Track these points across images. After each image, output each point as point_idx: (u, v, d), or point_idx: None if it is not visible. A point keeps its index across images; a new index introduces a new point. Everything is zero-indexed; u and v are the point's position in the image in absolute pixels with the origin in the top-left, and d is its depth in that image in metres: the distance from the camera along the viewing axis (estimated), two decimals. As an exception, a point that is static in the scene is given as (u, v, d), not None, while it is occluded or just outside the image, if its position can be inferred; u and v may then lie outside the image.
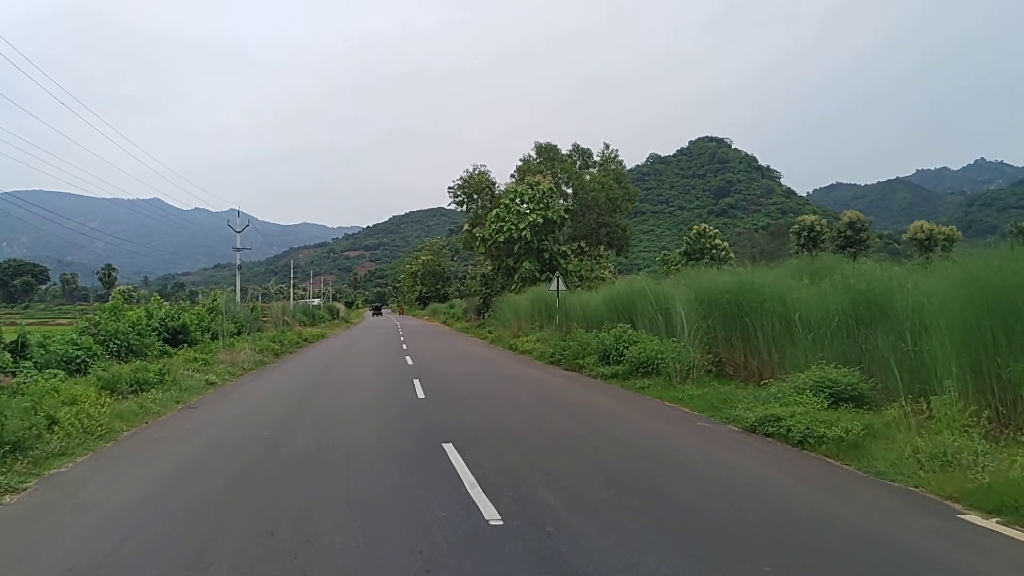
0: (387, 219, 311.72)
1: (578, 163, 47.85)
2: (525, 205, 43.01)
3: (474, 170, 48.00)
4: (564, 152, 47.95)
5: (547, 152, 47.14)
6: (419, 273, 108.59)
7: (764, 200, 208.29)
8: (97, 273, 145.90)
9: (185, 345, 21.53)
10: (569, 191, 47.40)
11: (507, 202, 43.09)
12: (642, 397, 13.80)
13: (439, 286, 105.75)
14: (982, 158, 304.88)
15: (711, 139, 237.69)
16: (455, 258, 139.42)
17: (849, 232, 70.44)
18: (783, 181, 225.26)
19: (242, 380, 17.69)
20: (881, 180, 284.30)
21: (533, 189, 42.96)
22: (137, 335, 18.91)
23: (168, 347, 20.89)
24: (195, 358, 19.14)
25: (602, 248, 48.19)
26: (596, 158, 47.90)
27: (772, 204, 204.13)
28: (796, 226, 79.54)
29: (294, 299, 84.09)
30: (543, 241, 42.57)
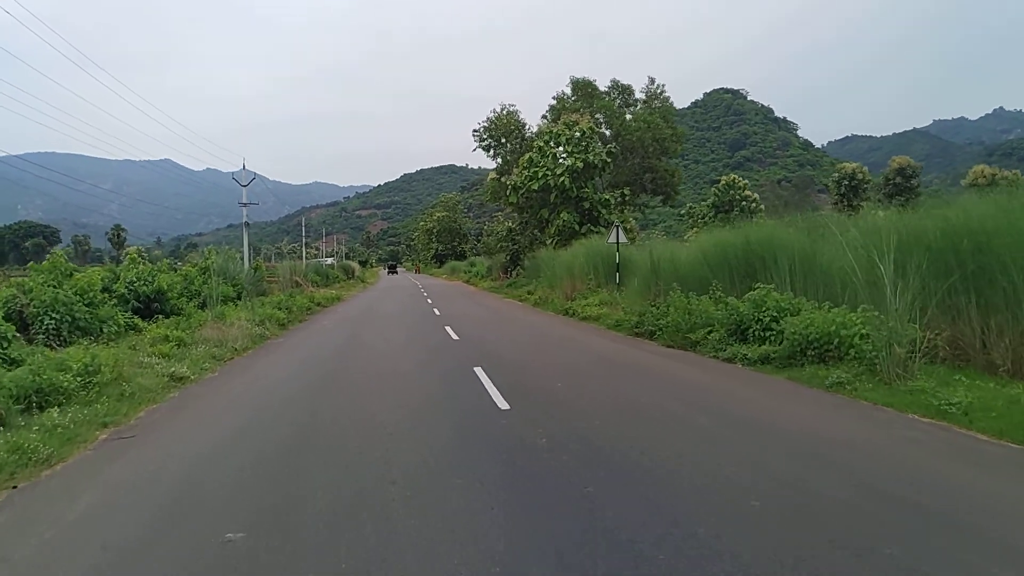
0: (398, 177, 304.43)
1: (618, 101, 41.65)
2: (561, 148, 37.17)
3: (502, 110, 41.96)
4: (602, 89, 41.73)
5: (584, 89, 40.93)
6: (435, 230, 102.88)
7: (781, 152, 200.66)
8: (107, 234, 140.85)
9: (161, 316, 16.19)
10: (608, 133, 41.34)
11: (541, 144, 37.20)
12: (848, 401, 8.34)
13: (456, 243, 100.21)
14: (1001, 107, 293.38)
15: (726, 91, 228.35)
16: (470, 214, 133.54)
17: (899, 179, 64.09)
18: (800, 133, 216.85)
19: (226, 372, 12.24)
20: (897, 132, 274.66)
21: (571, 130, 37.04)
22: (87, 306, 13.55)
23: (139, 320, 15.58)
24: (167, 336, 13.80)
25: (647, 196, 42.44)
26: (639, 95, 41.69)
27: (789, 156, 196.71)
28: (836, 175, 73.16)
29: (306, 258, 78.84)
30: (583, 189, 36.80)
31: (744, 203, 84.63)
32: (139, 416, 8.39)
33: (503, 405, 8.31)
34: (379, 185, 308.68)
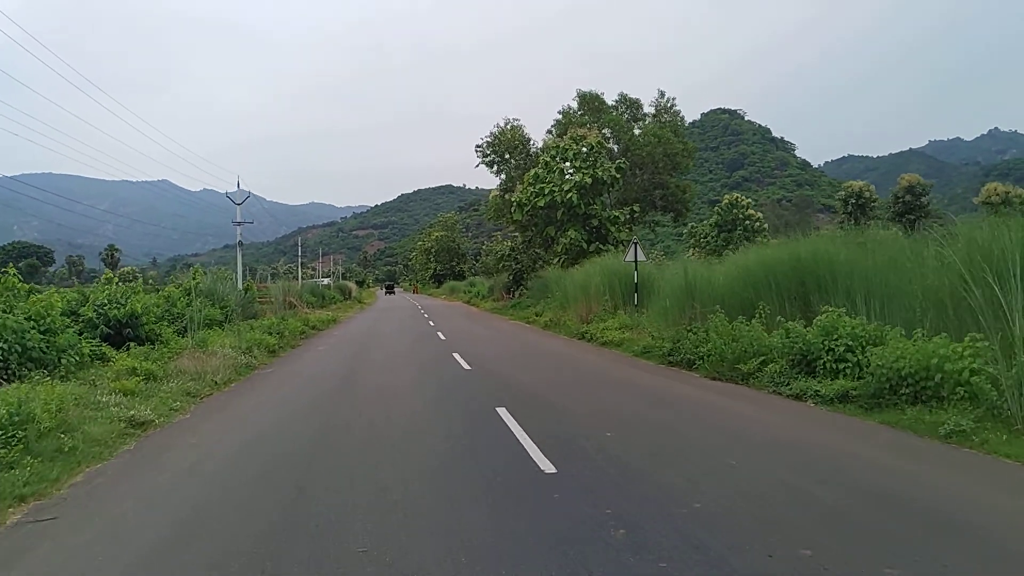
0: (395, 197, 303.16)
1: (626, 115, 40.09)
2: (568, 163, 35.51)
3: (506, 124, 40.35)
4: (610, 103, 40.17)
5: (591, 102, 39.39)
6: (432, 250, 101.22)
7: (779, 172, 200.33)
8: (100, 254, 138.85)
9: (134, 344, 14.25)
10: (616, 148, 39.70)
11: (548, 159, 35.56)
12: (982, 459, 6.45)
13: (454, 263, 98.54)
14: (996, 128, 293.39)
15: (724, 111, 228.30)
16: (468, 233, 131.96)
17: (908, 197, 62.54)
18: (797, 153, 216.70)
19: (199, 413, 10.25)
20: (893, 152, 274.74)
21: (578, 144, 35.42)
22: (42, 333, 11.63)
23: (108, 348, 13.65)
24: (135, 368, 11.86)
25: (657, 213, 40.78)
26: (648, 109, 40.12)
27: (787, 176, 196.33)
28: (843, 193, 71.76)
29: (302, 278, 76.97)
30: (591, 205, 35.08)
31: (748, 222, 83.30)
32: (74, 482, 6.44)
33: (547, 467, 6.39)
34: (376, 205, 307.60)
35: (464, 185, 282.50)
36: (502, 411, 9.17)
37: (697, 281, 15.75)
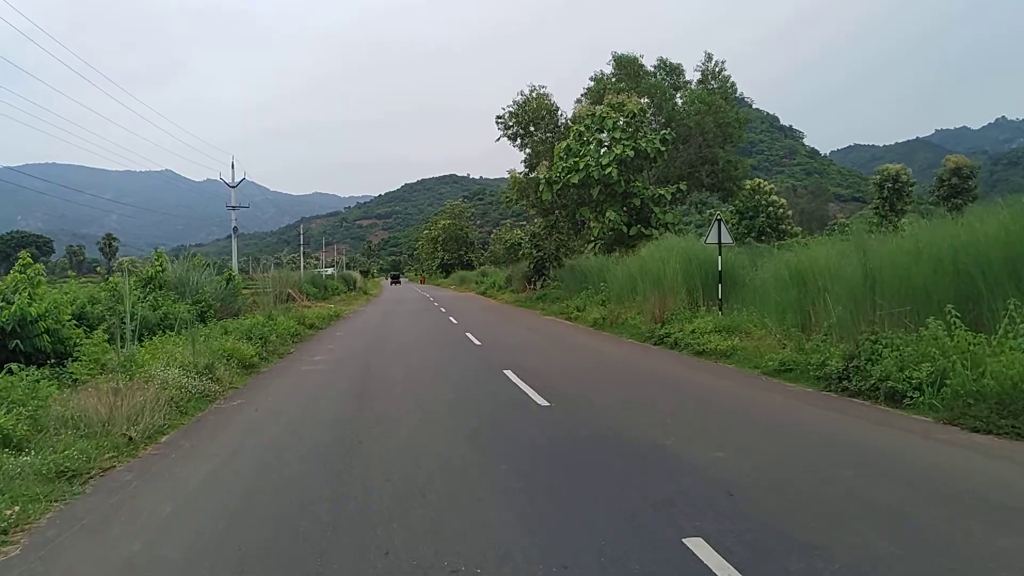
0: (399, 187, 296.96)
1: (665, 83, 34.62)
2: (606, 134, 30.12)
3: (531, 92, 34.88)
4: (648, 69, 34.70)
5: (628, 66, 33.89)
6: (440, 239, 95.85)
7: (788, 161, 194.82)
8: (98, 243, 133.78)
9: (19, 365, 8.97)
10: (654, 119, 34.27)
11: (581, 129, 30.17)
12: None
13: (462, 252, 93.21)
14: (1003, 117, 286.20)
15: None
16: (475, 222, 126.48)
17: (955, 180, 57.15)
18: (806, 142, 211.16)
19: (34, 548, 4.69)
20: (900, 141, 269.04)
21: (617, 111, 30.02)
22: None
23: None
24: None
25: (704, 192, 35.50)
26: (693, 74, 34.59)
27: (796, 165, 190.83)
28: (878, 176, 66.26)
29: (305, 268, 71.72)
30: (632, 183, 29.75)
31: (771, 209, 77.95)
32: None
33: None
34: (380, 195, 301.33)
35: (468, 175, 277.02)
36: (696, 545, 3.98)
37: (882, 269, 10.43)
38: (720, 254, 17.15)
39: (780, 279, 14.54)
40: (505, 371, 11.60)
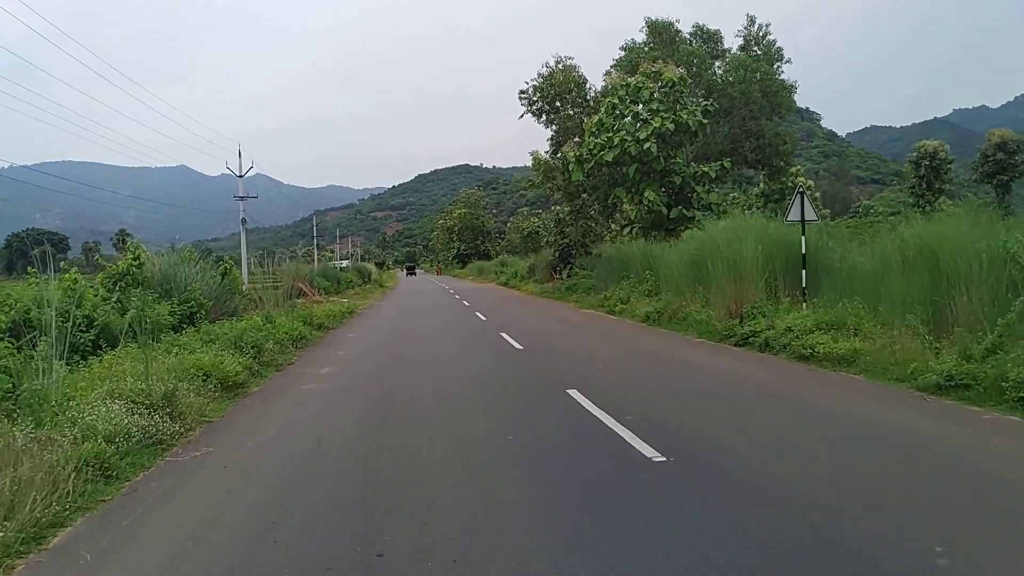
0: (412, 178, 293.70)
1: (703, 51, 31.18)
2: (642, 106, 26.82)
3: (557, 64, 31.54)
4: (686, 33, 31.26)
5: (663, 32, 30.50)
6: (456, 228, 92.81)
7: (805, 143, 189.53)
8: (112, 239, 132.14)
9: None
10: (688, 89, 30.90)
11: (615, 101, 26.91)
12: None
13: (479, 242, 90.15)
14: (1022, 95, 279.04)
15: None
16: (492, 211, 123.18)
17: (1000, 155, 53.18)
18: (823, 124, 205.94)
19: None
20: (916, 122, 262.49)
21: (655, 81, 26.74)
22: None
23: None
24: None
25: (748, 169, 32.16)
26: (734, 40, 31.11)
27: (814, 147, 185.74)
28: (914, 154, 62.34)
29: (318, 261, 68.96)
30: (672, 159, 26.50)
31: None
32: None
33: None
34: (394, 187, 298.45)
35: (482, 164, 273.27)
36: None
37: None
38: (803, 233, 14.02)
39: (898, 262, 11.45)
40: (569, 391, 8.56)
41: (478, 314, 22.60)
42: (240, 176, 42.04)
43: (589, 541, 4.06)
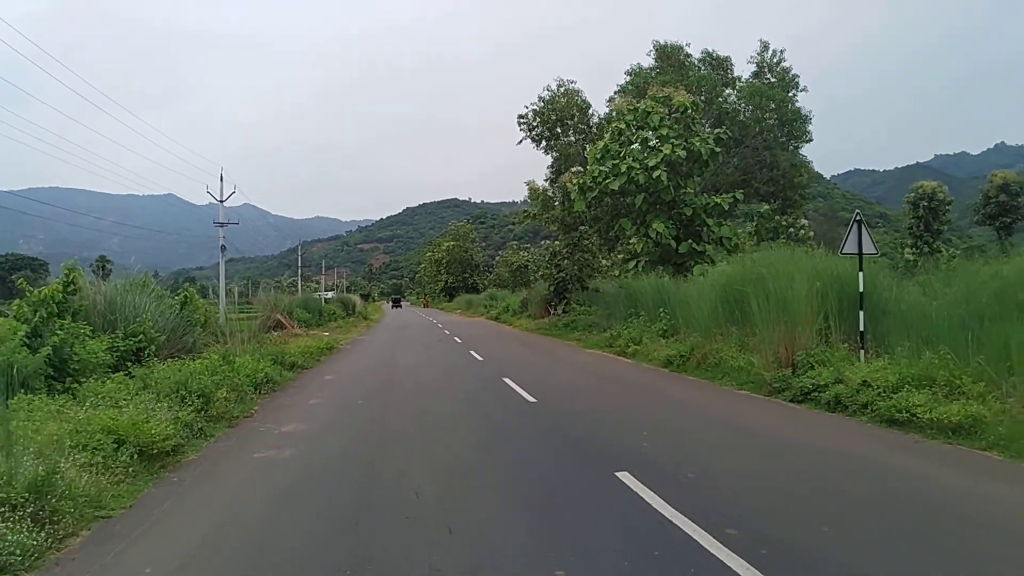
0: (400, 211, 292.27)
1: (714, 77, 29.46)
2: (651, 132, 24.86)
3: (558, 88, 29.63)
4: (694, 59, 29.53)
5: (671, 57, 28.74)
6: (444, 261, 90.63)
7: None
8: (91, 266, 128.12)
9: None
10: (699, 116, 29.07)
11: (623, 126, 24.96)
12: None
13: (467, 275, 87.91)
14: (1002, 142, 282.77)
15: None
16: (480, 244, 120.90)
17: (1002, 197, 51.92)
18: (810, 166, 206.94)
19: None
20: (899, 166, 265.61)
21: (664, 106, 24.83)
22: None
23: None
24: None
25: (760, 201, 30.23)
26: (745, 67, 29.43)
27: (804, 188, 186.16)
28: (912, 195, 61.07)
29: (303, 291, 66.30)
30: (682, 189, 24.47)
31: (791, 230, 72.67)
32: None
33: None
34: (381, 219, 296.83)
35: (470, 198, 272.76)
36: None
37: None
38: (861, 268, 11.83)
39: (990, 305, 9.30)
40: (619, 475, 6.14)
41: (474, 353, 20.12)
42: (221, 201, 39.82)
43: None
